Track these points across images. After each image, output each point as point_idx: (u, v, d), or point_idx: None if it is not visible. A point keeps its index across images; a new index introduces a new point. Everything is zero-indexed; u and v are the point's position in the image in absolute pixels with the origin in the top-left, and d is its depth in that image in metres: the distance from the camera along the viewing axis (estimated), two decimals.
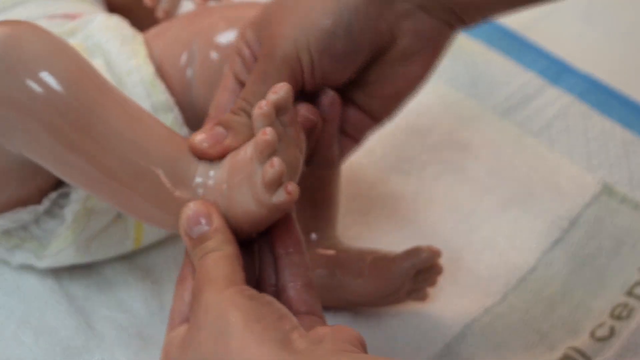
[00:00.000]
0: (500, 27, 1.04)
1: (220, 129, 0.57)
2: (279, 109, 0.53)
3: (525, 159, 0.90)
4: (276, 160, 0.51)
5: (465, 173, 0.89)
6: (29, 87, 0.56)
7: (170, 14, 0.77)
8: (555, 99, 0.97)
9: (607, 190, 0.87)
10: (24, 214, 0.70)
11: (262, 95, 0.55)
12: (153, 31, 0.74)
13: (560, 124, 0.94)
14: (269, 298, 0.52)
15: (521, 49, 1.02)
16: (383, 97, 0.59)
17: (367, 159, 0.89)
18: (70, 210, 0.70)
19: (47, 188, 0.69)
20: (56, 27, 0.72)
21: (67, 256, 0.73)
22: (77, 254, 0.73)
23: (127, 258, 0.78)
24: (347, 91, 0.59)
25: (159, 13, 0.77)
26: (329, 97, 0.58)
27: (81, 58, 0.59)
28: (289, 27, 0.56)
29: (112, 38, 0.71)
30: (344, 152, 0.61)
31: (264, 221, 0.55)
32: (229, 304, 0.49)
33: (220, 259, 0.53)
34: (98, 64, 0.70)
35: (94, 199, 0.70)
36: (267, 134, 0.51)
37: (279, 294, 0.56)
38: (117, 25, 0.73)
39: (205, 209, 0.54)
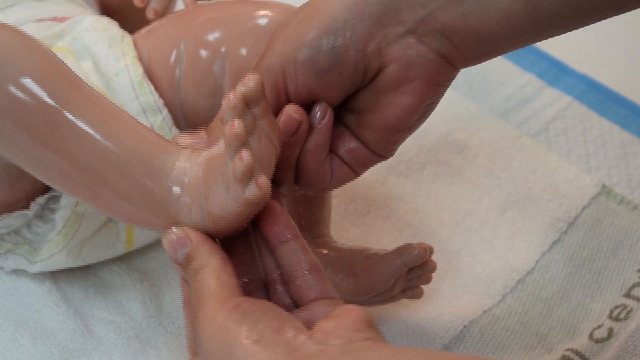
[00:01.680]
0: None
1: (202, 134, 0.57)
2: (249, 101, 0.52)
3: (524, 160, 0.90)
4: (244, 153, 0.50)
5: (463, 174, 0.89)
6: (0, 87, 0.56)
7: (160, 13, 0.77)
8: (554, 101, 0.97)
9: (606, 191, 0.87)
10: (12, 219, 0.69)
11: None
12: (143, 31, 0.74)
13: (558, 126, 0.94)
14: (265, 305, 0.51)
15: (519, 51, 1.02)
16: (374, 128, 0.58)
17: None
18: (61, 215, 0.69)
19: (34, 192, 0.69)
20: (44, 30, 0.72)
21: (58, 260, 0.72)
22: (68, 258, 0.72)
23: (125, 260, 0.78)
24: (343, 117, 0.59)
25: (149, 13, 0.77)
26: (320, 106, 0.57)
27: (53, 56, 0.59)
28: (280, 41, 0.56)
29: (100, 39, 0.71)
30: (339, 179, 0.60)
31: (241, 216, 0.54)
32: (226, 328, 0.49)
33: (207, 276, 0.52)
34: (86, 66, 0.70)
35: (84, 204, 0.69)
36: (234, 126, 0.51)
37: (286, 285, 0.55)
38: (106, 26, 0.73)
39: (181, 231, 0.54)
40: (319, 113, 0.57)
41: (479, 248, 0.83)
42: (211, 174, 0.54)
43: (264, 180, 0.51)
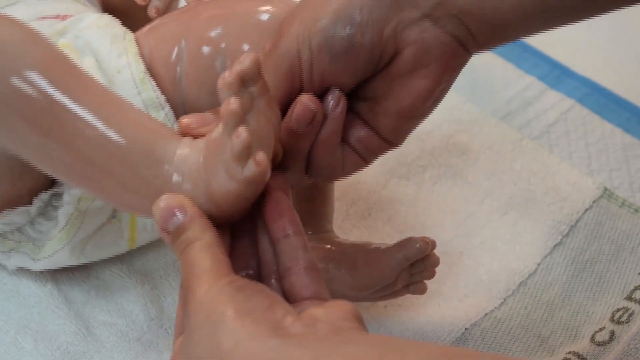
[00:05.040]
0: None
1: (208, 114, 0.57)
2: (245, 80, 0.51)
3: (525, 163, 0.90)
4: (241, 130, 0.49)
5: (464, 177, 0.88)
6: (1, 76, 0.56)
7: (161, 11, 0.77)
8: (556, 103, 0.97)
9: (607, 194, 0.87)
10: (15, 216, 0.70)
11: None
12: (145, 28, 0.74)
13: (560, 128, 0.94)
14: (259, 286, 0.51)
15: (521, 54, 1.02)
16: (388, 114, 0.57)
17: None
18: (63, 212, 0.69)
19: (36, 188, 0.69)
20: (46, 28, 0.72)
21: (61, 257, 0.72)
22: (71, 255, 0.73)
23: (126, 262, 0.78)
24: (354, 105, 0.58)
25: (150, 11, 0.77)
26: (334, 94, 0.57)
27: (54, 48, 0.59)
28: (295, 24, 0.56)
29: (102, 36, 0.71)
30: (349, 168, 0.60)
31: (242, 198, 0.53)
32: (217, 300, 0.48)
33: (201, 250, 0.52)
34: (88, 62, 0.70)
35: (86, 200, 0.70)
36: (230, 104, 0.50)
37: (281, 280, 0.55)
38: (108, 24, 0.73)
39: (177, 200, 0.53)
40: (332, 101, 0.57)
41: (481, 251, 0.82)
42: (211, 158, 0.53)
43: (262, 157, 0.50)
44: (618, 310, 0.78)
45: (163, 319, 0.75)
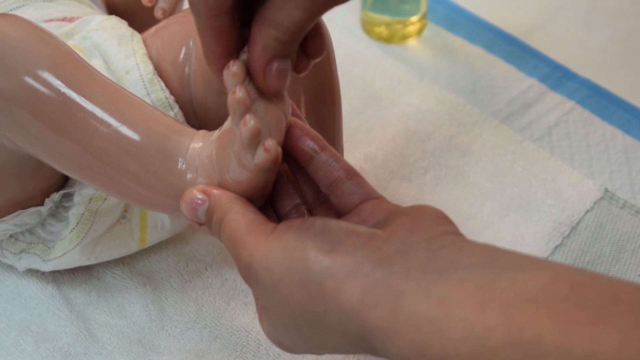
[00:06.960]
0: (501, 33, 1.04)
1: None
2: None
3: (526, 165, 0.90)
4: (248, 118, 0.50)
5: (465, 179, 0.88)
6: (14, 76, 0.56)
7: (168, 13, 0.77)
8: (556, 105, 0.96)
9: (608, 196, 0.87)
10: (26, 217, 0.70)
11: None
12: (151, 30, 0.74)
13: (561, 130, 0.94)
14: (309, 220, 0.48)
15: (522, 55, 1.02)
16: None
17: (367, 164, 0.89)
18: (74, 212, 0.70)
19: (48, 189, 0.69)
20: (54, 30, 0.72)
21: (72, 258, 0.73)
22: (82, 256, 0.73)
23: (127, 264, 0.78)
24: None
25: (157, 12, 0.77)
26: None
27: (64, 45, 0.59)
28: None
29: (110, 38, 0.71)
30: None
31: (255, 184, 0.52)
32: (288, 253, 0.46)
33: (233, 219, 0.51)
34: (97, 64, 0.70)
35: (97, 201, 0.70)
36: (236, 92, 0.50)
37: (329, 198, 0.53)
38: (115, 25, 0.73)
39: (196, 190, 0.53)
40: None
41: None
42: (223, 150, 0.54)
43: (270, 143, 0.50)
44: None
45: (164, 320, 0.75)
